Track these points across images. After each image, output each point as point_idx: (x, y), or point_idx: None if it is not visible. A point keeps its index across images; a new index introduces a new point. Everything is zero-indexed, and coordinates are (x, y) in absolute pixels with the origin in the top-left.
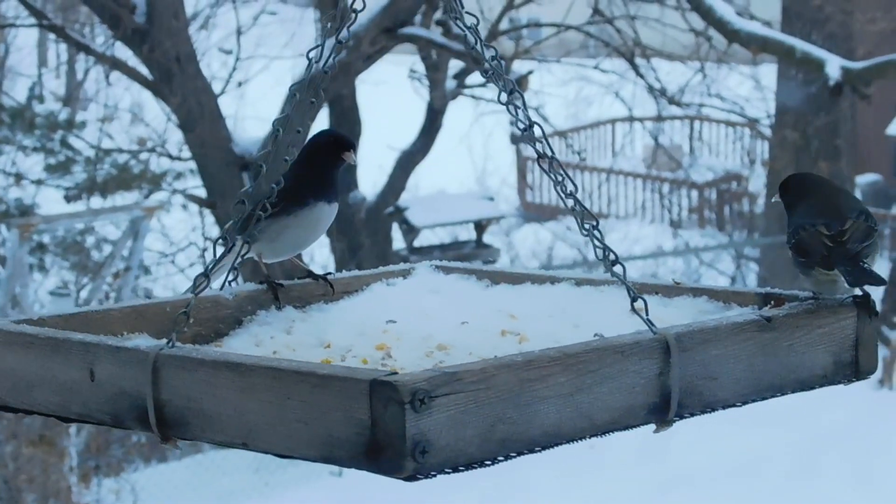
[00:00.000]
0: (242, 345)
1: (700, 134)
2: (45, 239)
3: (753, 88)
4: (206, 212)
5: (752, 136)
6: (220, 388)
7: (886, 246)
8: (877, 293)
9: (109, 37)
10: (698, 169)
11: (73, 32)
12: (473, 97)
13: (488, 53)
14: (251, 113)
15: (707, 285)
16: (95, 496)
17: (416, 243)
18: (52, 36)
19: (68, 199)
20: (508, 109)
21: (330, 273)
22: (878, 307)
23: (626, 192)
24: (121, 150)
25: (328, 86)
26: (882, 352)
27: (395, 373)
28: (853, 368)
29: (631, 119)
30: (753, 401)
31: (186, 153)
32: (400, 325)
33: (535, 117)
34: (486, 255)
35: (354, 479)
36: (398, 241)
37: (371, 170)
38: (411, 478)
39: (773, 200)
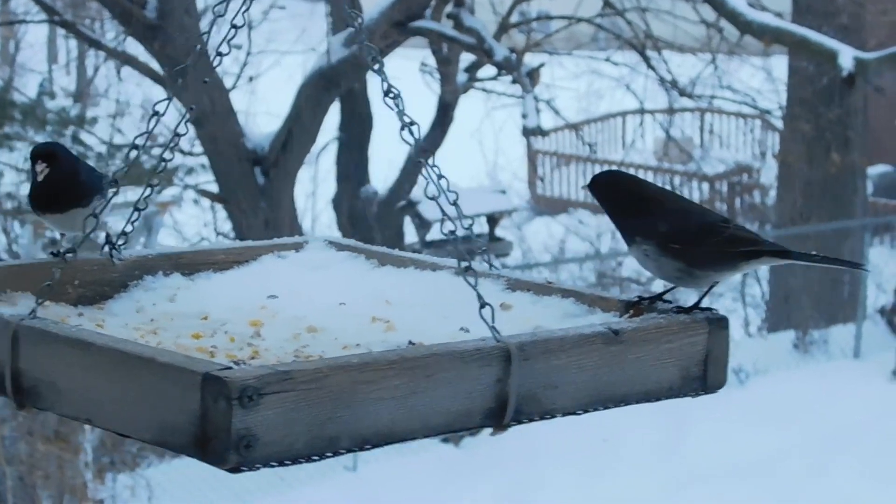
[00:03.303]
0: (124, 309)
1: (711, 126)
2: (58, 235)
3: (765, 80)
4: (219, 207)
5: (763, 129)
6: (70, 364)
7: None
8: (889, 285)
9: (120, 32)
10: (709, 161)
11: (84, 28)
12: (485, 91)
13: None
14: (262, 108)
15: (576, 287)
16: (111, 492)
17: (429, 237)
18: (62, 32)
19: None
20: (386, 103)
21: (118, 245)
22: (890, 302)
23: None
24: (132, 146)
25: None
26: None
27: (230, 367)
28: (701, 383)
29: (642, 112)
30: (595, 409)
31: (198, 148)
32: (280, 300)
33: (546, 110)
34: (499, 248)
35: (369, 474)
36: (410, 235)
37: (382, 164)
38: (235, 469)
39: (584, 187)
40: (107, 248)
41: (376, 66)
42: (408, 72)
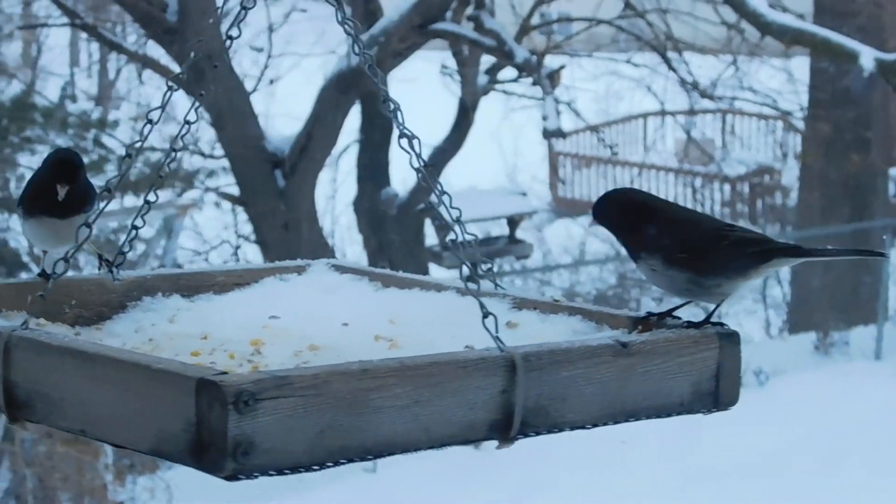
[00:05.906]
0: (123, 329)
1: (732, 127)
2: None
3: (786, 81)
4: (239, 209)
5: (784, 130)
6: (63, 374)
7: None
8: None
9: (141, 35)
10: (730, 163)
11: (105, 31)
12: (505, 93)
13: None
14: (282, 110)
15: (583, 305)
16: (130, 494)
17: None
18: (83, 35)
19: (101, 197)
20: (394, 123)
21: (112, 261)
22: None
23: (658, 187)
24: (153, 149)
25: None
26: None
27: (225, 373)
28: (713, 399)
29: (663, 113)
30: (605, 424)
31: (219, 151)
32: (282, 321)
33: (566, 111)
34: (519, 250)
35: (388, 476)
36: (430, 238)
37: (402, 167)
38: (232, 477)
39: (591, 226)
40: (104, 268)
41: (376, 77)
42: (427, 74)
